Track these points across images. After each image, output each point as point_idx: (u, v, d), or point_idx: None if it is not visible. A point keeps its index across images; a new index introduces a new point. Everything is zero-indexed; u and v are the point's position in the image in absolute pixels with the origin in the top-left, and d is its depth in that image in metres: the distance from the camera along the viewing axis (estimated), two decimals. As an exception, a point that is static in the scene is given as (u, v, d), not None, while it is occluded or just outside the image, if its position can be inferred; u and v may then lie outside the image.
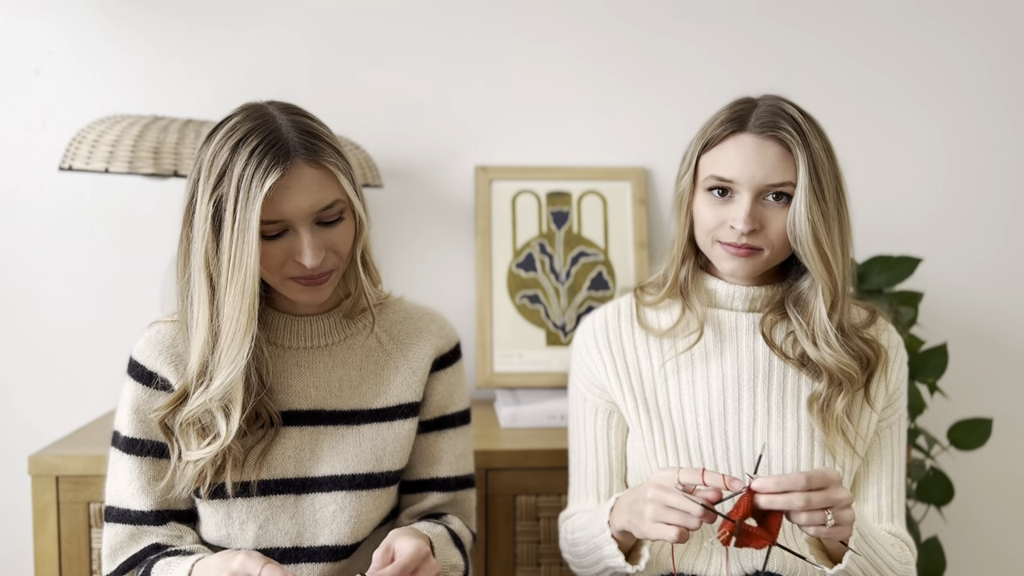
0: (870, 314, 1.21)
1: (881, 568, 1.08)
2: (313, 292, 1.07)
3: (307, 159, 1.01)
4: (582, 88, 1.87)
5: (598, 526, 1.10)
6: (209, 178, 1.00)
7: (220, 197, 0.99)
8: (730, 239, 1.12)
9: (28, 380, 1.83)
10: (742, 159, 1.10)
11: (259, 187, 0.97)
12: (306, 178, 1.01)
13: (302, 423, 1.13)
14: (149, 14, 1.81)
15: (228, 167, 0.99)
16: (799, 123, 1.10)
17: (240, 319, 0.99)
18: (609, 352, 1.21)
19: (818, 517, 0.95)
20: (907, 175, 1.92)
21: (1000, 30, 1.91)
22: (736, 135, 1.12)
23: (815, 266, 1.11)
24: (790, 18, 1.88)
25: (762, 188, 1.10)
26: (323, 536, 1.12)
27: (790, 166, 1.10)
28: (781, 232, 1.12)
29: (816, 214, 1.09)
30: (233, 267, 0.99)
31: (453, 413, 1.22)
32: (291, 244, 1.03)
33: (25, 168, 1.81)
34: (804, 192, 1.09)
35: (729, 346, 1.18)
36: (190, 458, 1.05)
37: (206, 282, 1.01)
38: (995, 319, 1.95)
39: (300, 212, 1.01)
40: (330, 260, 1.06)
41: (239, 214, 0.98)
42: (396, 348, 1.19)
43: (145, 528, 1.09)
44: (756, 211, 1.11)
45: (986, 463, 1.95)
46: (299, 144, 1.01)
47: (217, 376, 1.02)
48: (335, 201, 1.03)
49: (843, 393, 1.13)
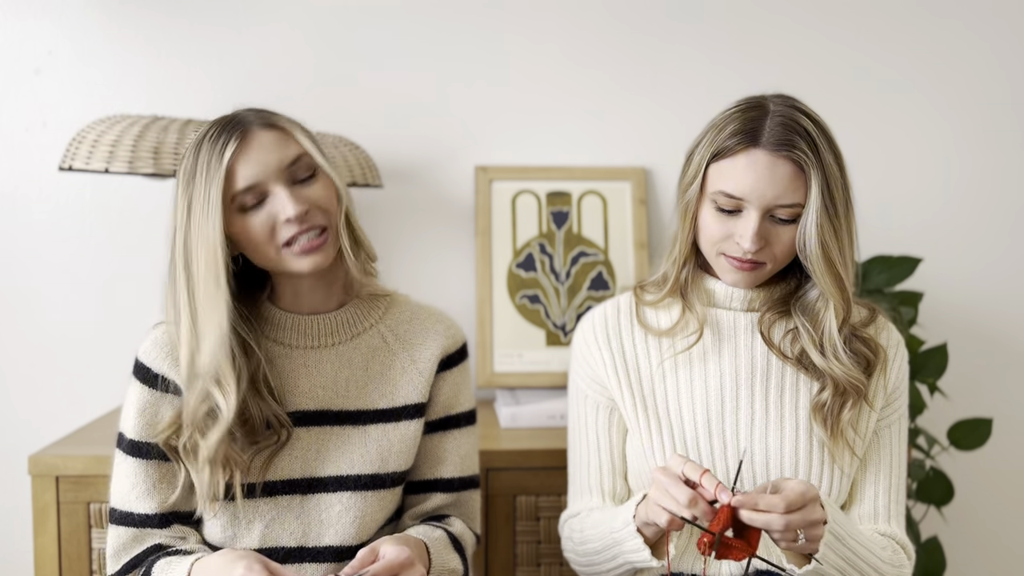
0: (870, 312, 1.21)
1: (863, 569, 1.07)
2: (312, 256, 1.07)
3: (261, 125, 1.06)
4: (582, 88, 1.87)
5: (620, 520, 1.10)
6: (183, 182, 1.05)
7: (191, 197, 1.04)
8: (735, 253, 1.12)
9: (28, 380, 1.83)
10: (754, 178, 1.08)
11: (219, 161, 1.03)
12: (265, 139, 1.05)
13: (309, 423, 1.13)
14: (149, 14, 1.81)
15: (192, 166, 1.05)
16: (813, 138, 1.08)
17: (208, 284, 1.02)
18: (609, 349, 1.21)
19: (790, 536, 0.98)
20: (907, 175, 1.92)
21: (1000, 30, 1.91)
22: (748, 150, 1.08)
23: (825, 282, 1.11)
24: (789, 17, 1.88)
25: (772, 208, 1.09)
26: (328, 536, 1.12)
27: (801, 186, 1.08)
28: (787, 247, 1.11)
29: (828, 232, 1.08)
30: (200, 239, 1.02)
31: (458, 413, 1.22)
32: (272, 208, 1.05)
33: (25, 168, 1.81)
34: (816, 213, 1.07)
35: (727, 345, 1.18)
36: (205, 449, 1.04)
37: (183, 270, 1.04)
38: (995, 319, 1.95)
39: (268, 170, 1.04)
40: (317, 215, 1.06)
41: (203, 191, 1.03)
42: (402, 348, 1.19)
43: (149, 531, 1.10)
44: (764, 228, 1.09)
45: (986, 463, 1.95)
46: (252, 117, 1.07)
47: (202, 348, 1.03)
48: (299, 155, 1.07)
49: (850, 403, 1.13)
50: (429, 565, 1.08)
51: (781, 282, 1.20)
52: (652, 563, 1.07)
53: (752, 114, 1.10)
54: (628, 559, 1.10)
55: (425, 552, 1.09)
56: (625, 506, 1.11)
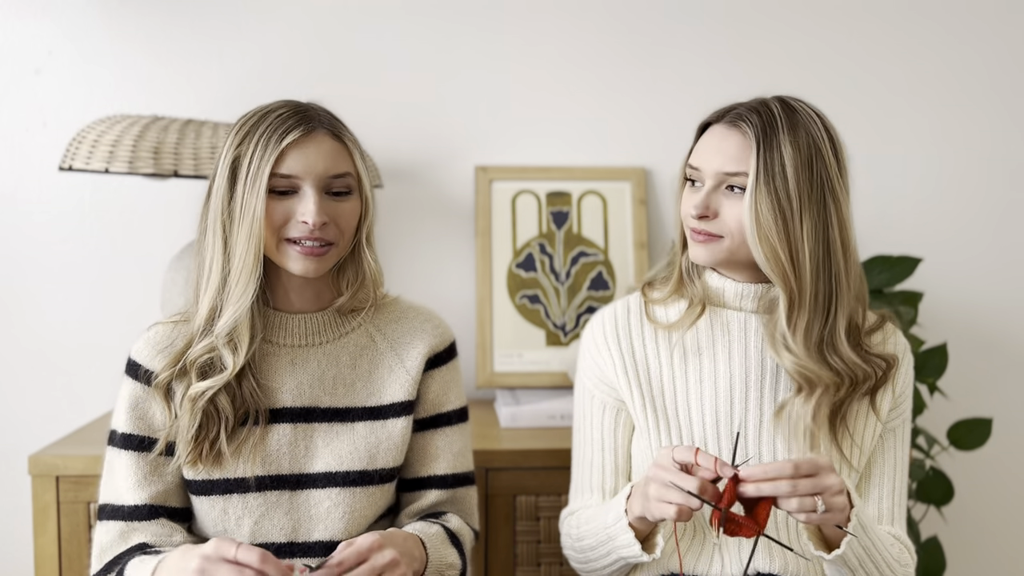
0: (879, 319, 1.20)
1: (879, 564, 1.07)
2: (310, 261, 1.08)
3: (328, 130, 1.10)
4: (582, 88, 1.87)
5: (613, 515, 1.10)
6: (233, 140, 1.08)
7: (239, 154, 1.07)
8: (691, 225, 1.14)
9: (28, 380, 1.83)
10: (706, 148, 1.13)
11: (277, 143, 1.06)
12: (325, 144, 1.09)
13: (296, 420, 1.14)
14: (150, 14, 1.81)
15: (253, 128, 1.08)
16: (774, 117, 1.09)
17: (247, 259, 1.06)
18: (619, 349, 1.21)
19: (808, 503, 0.96)
20: (907, 175, 1.92)
21: (1001, 30, 1.91)
22: (712, 126, 1.15)
23: (763, 263, 1.09)
24: (788, 18, 1.88)
25: (720, 177, 1.11)
26: (317, 532, 1.13)
27: (748, 157, 1.10)
28: (738, 220, 1.11)
29: (766, 209, 1.07)
30: (243, 213, 1.06)
31: (448, 411, 1.23)
32: (296, 204, 1.08)
33: (25, 168, 1.81)
34: (752, 185, 1.08)
35: (736, 346, 1.18)
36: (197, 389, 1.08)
37: (220, 231, 1.08)
38: (995, 319, 1.95)
39: (313, 172, 1.07)
40: (331, 231, 1.09)
41: (254, 164, 1.06)
42: (389, 347, 1.19)
43: (135, 525, 1.09)
44: (713, 199, 1.12)
45: (986, 463, 1.95)
46: (324, 118, 1.11)
47: (226, 312, 1.07)
48: (347, 172, 1.10)
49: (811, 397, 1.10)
50: (426, 559, 1.09)
51: None
52: (643, 558, 1.08)
53: (743, 103, 1.15)
54: (621, 554, 1.10)
55: (421, 547, 1.09)
56: (616, 500, 1.11)
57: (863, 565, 1.06)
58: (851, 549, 1.03)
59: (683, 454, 0.99)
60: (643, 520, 1.06)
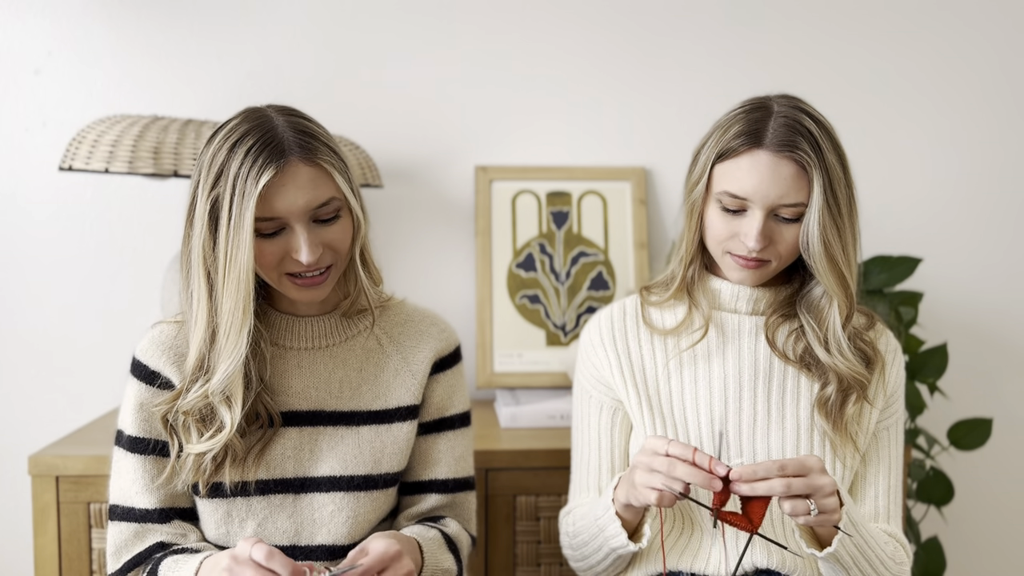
0: (868, 319, 1.23)
1: (872, 561, 1.08)
2: (311, 291, 1.08)
3: (302, 157, 1.03)
4: (582, 88, 1.87)
5: (602, 506, 1.11)
6: (208, 178, 1.02)
7: (217, 196, 1.01)
8: (740, 252, 1.13)
9: (28, 380, 1.83)
10: (757, 178, 1.09)
11: (254, 184, 0.99)
12: (301, 175, 1.02)
13: (301, 423, 1.13)
14: (149, 14, 1.81)
15: (225, 166, 1.01)
16: (816, 139, 1.09)
17: (236, 314, 1.01)
18: (615, 349, 1.22)
19: (801, 506, 0.97)
20: (907, 175, 1.92)
21: (1002, 30, 1.91)
22: (752, 151, 1.10)
23: (828, 281, 1.13)
24: (789, 18, 1.88)
25: (775, 207, 1.10)
26: (320, 535, 1.13)
27: (804, 186, 1.09)
28: (791, 246, 1.13)
29: (831, 232, 1.10)
30: (229, 263, 1.01)
31: (452, 415, 1.23)
32: (287, 242, 1.04)
33: (25, 168, 1.81)
34: (818, 213, 1.09)
35: (732, 347, 1.19)
36: (193, 451, 1.06)
37: (204, 278, 1.03)
38: (995, 319, 1.95)
39: (295, 209, 1.02)
40: (327, 257, 1.07)
41: (235, 211, 1.00)
42: (396, 350, 1.19)
43: (149, 526, 1.10)
44: (768, 228, 1.11)
45: (986, 463, 1.95)
46: (294, 143, 1.03)
47: (218, 370, 1.03)
48: (330, 199, 1.05)
49: (853, 399, 1.15)
50: (422, 564, 1.09)
51: (785, 283, 1.22)
52: (630, 547, 1.08)
53: (756, 115, 1.12)
54: (611, 545, 1.11)
55: (418, 550, 1.09)
56: (605, 492, 1.13)
57: (856, 563, 1.06)
58: (843, 547, 1.04)
59: (679, 450, 1.00)
60: (630, 509, 1.07)
